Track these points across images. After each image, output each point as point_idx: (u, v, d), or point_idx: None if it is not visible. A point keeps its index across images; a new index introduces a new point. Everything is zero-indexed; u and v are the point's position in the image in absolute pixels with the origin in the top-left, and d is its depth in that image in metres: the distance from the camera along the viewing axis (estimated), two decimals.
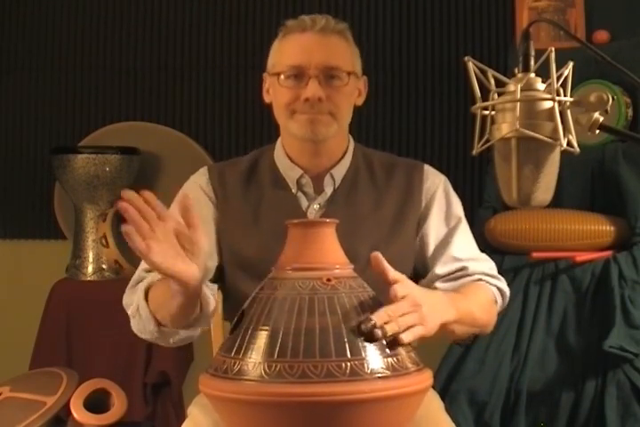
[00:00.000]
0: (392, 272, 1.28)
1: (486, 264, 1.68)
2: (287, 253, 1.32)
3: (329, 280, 1.26)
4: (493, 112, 1.16)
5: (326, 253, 1.30)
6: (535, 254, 2.35)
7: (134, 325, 1.54)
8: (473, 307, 1.50)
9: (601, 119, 1.12)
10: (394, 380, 1.19)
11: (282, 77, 1.58)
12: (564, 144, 1.12)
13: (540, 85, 1.14)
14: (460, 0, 3.03)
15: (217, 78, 3.13)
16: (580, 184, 2.42)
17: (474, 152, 1.17)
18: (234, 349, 1.23)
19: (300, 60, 1.56)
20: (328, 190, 1.65)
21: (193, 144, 3.09)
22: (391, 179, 1.67)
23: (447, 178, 1.73)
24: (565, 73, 1.14)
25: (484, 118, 1.17)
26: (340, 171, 1.66)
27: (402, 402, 1.20)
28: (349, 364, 1.17)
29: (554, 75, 1.12)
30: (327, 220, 1.34)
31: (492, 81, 1.17)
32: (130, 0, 3.15)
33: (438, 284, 1.62)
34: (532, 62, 1.15)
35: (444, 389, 2.26)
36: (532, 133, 1.11)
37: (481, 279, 1.63)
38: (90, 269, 2.89)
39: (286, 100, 1.58)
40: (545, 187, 1.14)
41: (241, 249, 1.61)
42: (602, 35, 2.48)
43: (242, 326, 1.26)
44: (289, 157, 1.67)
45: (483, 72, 1.16)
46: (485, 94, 1.17)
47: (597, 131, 1.14)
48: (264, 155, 1.72)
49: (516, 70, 1.16)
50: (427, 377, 1.26)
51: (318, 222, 1.35)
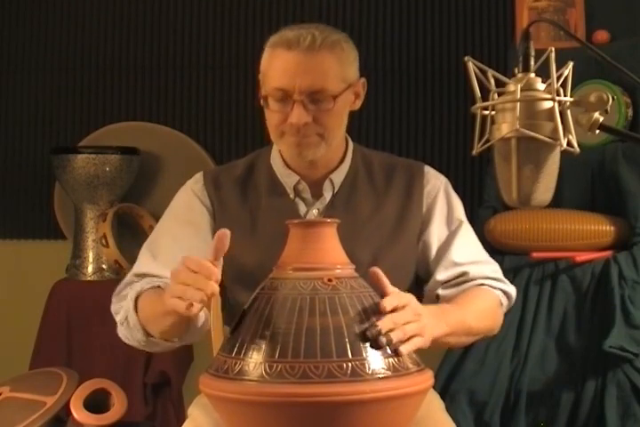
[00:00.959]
0: (390, 287, 1.29)
1: (489, 267, 1.66)
2: (288, 253, 1.32)
3: (330, 280, 1.26)
4: (493, 112, 1.16)
5: (327, 253, 1.30)
6: (535, 254, 2.35)
7: (121, 331, 1.54)
8: (467, 316, 1.48)
9: (601, 119, 1.12)
10: (395, 380, 1.19)
11: (270, 100, 1.55)
12: (564, 144, 1.12)
13: (540, 85, 1.14)
14: (460, 0, 3.03)
15: (217, 78, 3.13)
16: (580, 184, 2.42)
17: (474, 152, 1.16)
18: (234, 349, 1.23)
19: (284, 84, 1.51)
20: (327, 195, 1.63)
21: (193, 144, 3.09)
22: (391, 181, 1.66)
23: (447, 178, 1.71)
24: (565, 73, 1.14)
25: (484, 118, 1.17)
26: (340, 175, 1.64)
27: (403, 402, 1.20)
28: (350, 364, 1.17)
29: (554, 75, 1.12)
30: (328, 220, 1.34)
31: (492, 81, 1.17)
32: (130, 0, 3.15)
33: (440, 291, 1.61)
34: (532, 62, 1.15)
35: (444, 389, 2.26)
36: (532, 133, 1.11)
37: (483, 284, 1.61)
38: (90, 269, 2.89)
39: (274, 122, 1.56)
40: (545, 187, 1.14)
41: (239, 256, 1.58)
42: (602, 35, 2.48)
43: (242, 327, 1.26)
44: (285, 163, 1.65)
45: (483, 72, 1.16)
46: (485, 94, 1.17)
47: (597, 131, 1.13)
48: (260, 159, 1.69)
49: (516, 70, 1.16)
50: (427, 377, 1.26)
51: (319, 222, 1.35)
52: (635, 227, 2.32)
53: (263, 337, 1.21)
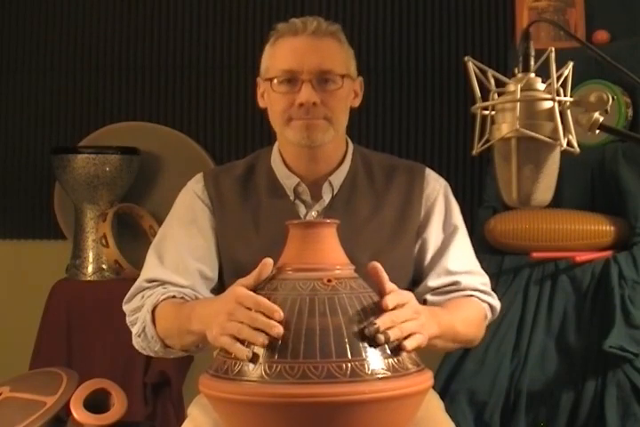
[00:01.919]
0: (389, 284, 1.29)
1: (479, 279, 1.65)
2: (287, 253, 1.31)
3: (329, 281, 1.26)
4: (493, 112, 1.16)
5: (327, 253, 1.30)
6: (535, 255, 2.35)
7: (138, 343, 1.55)
8: (456, 322, 1.49)
9: (601, 119, 1.12)
10: (394, 380, 1.19)
11: (275, 82, 1.56)
12: (564, 144, 1.12)
13: (540, 85, 1.14)
14: (460, 0, 3.02)
15: (217, 78, 3.13)
16: (580, 184, 2.42)
17: (474, 152, 1.16)
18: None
19: (293, 65, 1.54)
20: (326, 198, 1.63)
21: (193, 144, 3.09)
22: (391, 183, 1.65)
23: (447, 178, 1.71)
24: (565, 73, 1.14)
25: (484, 118, 1.17)
26: (339, 177, 1.64)
27: (402, 403, 1.20)
28: (350, 364, 1.17)
29: (554, 75, 1.12)
30: (327, 220, 1.34)
31: (492, 81, 1.17)
32: (130, 0, 3.15)
33: (429, 296, 1.61)
34: (532, 62, 1.15)
35: (444, 389, 2.26)
36: (532, 133, 1.11)
37: (472, 295, 1.62)
38: (90, 269, 2.89)
39: (281, 107, 1.56)
40: (545, 187, 1.14)
41: (239, 257, 1.59)
42: (602, 35, 2.48)
43: None
44: (285, 164, 1.65)
45: (483, 72, 1.16)
46: (485, 94, 1.17)
47: (597, 131, 1.13)
48: (261, 159, 1.69)
49: (516, 70, 1.16)
50: (427, 378, 1.26)
51: (319, 223, 1.35)
52: (635, 227, 2.32)
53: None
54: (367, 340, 1.20)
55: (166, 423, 2.78)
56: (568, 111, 1.13)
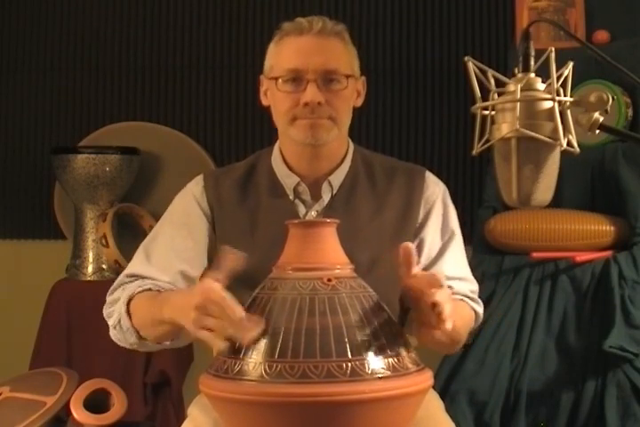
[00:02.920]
0: (415, 268, 1.27)
1: (469, 286, 1.65)
2: (287, 253, 1.32)
3: (329, 280, 1.26)
4: (493, 112, 1.16)
5: (327, 253, 1.30)
6: (535, 255, 2.35)
7: (114, 335, 1.55)
8: (455, 317, 1.48)
9: (601, 119, 1.12)
10: (394, 380, 1.19)
11: (280, 82, 1.56)
12: (564, 144, 1.12)
13: (540, 85, 1.14)
14: (460, 0, 3.03)
15: (217, 78, 3.13)
16: (580, 184, 2.42)
17: (474, 152, 1.16)
18: (234, 349, 1.23)
19: (298, 64, 1.54)
20: (325, 197, 1.63)
21: (193, 144, 3.09)
22: (391, 184, 1.65)
23: (447, 178, 1.71)
24: (565, 73, 1.14)
25: (484, 118, 1.17)
26: (339, 177, 1.64)
27: (402, 402, 1.20)
28: (350, 364, 1.17)
29: (554, 75, 1.12)
30: (327, 220, 1.34)
31: (492, 81, 1.17)
32: (130, 0, 3.15)
33: None
34: (532, 62, 1.15)
35: (444, 389, 2.26)
36: (532, 133, 1.11)
37: (462, 300, 1.62)
38: (90, 269, 2.89)
39: (286, 106, 1.56)
40: (545, 187, 1.14)
41: None
42: (602, 35, 2.48)
43: None
44: (286, 163, 1.64)
45: (483, 72, 1.16)
46: (485, 94, 1.17)
47: (597, 131, 1.14)
48: (261, 159, 1.69)
49: (516, 70, 1.16)
50: (427, 377, 1.26)
51: (318, 222, 1.35)
52: (635, 227, 2.32)
53: (263, 337, 1.21)
54: (367, 339, 1.20)
55: (166, 423, 2.78)
56: (568, 111, 1.13)
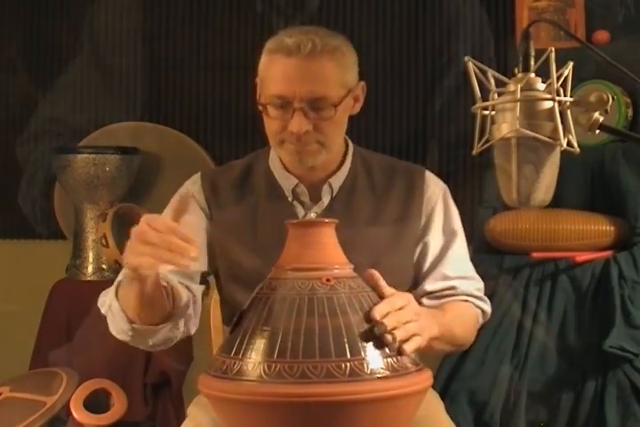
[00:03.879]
0: (387, 288, 1.30)
1: (474, 284, 1.65)
2: (286, 253, 1.31)
3: (328, 280, 1.26)
4: (493, 112, 1.16)
5: (326, 253, 1.30)
6: (535, 254, 2.35)
7: (110, 324, 1.51)
8: (454, 325, 1.49)
9: (601, 119, 1.12)
10: (394, 380, 1.19)
11: (268, 107, 1.53)
12: (564, 144, 1.12)
13: (540, 85, 1.14)
14: (461, 0, 3.02)
15: (217, 78, 3.13)
16: (580, 184, 2.42)
17: (474, 152, 1.17)
18: (233, 349, 1.23)
19: (284, 91, 1.49)
20: (325, 199, 1.62)
21: (193, 144, 3.09)
22: (391, 185, 1.64)
23: (447, 178, 1.71)
24: (565, 73, 1.14)
25: (484, 118, 1.17)
26: (339, 179, 1.63)
27: (402, 402, 1.20)
28: (349, 364, 1.17)
29: (554, 75, 1.12)
30: (326, 220, 1.34)
31: (492, 81, 1.17)
32: (130, 0, 3.15)
33: (425, 300, 1.61)
34: (532, 62, 1.15)
35: (444, 389, 2.26)
36: (532, 133, 1.11)
37: (467, 300, 1.62)
38: (90, 269, 2.89)
39: (274, 130, 1.54)
40: (545, 187, 1.14)
41: (237, 259, 1.59)
42: (602, 35, 2.48)
43: (241, 327, 1.26)
44: (284, 166, 1.63)
45: (483, 72, 1.16)
46: (485, 94, 1.17)
47: (597, 131, 1.13)
48: (259, 160, 1.68)
49: (516, 70, 1.16)
50: (427, 377, 1.26)
51: (318, 222, 1.35)
52: (635, 227, 2.32)
53: (262, 337, 1.21)
54: (371, 340, 1.20)
55: (166, 423, 2.78)
56: (568, 111, 1.13)
